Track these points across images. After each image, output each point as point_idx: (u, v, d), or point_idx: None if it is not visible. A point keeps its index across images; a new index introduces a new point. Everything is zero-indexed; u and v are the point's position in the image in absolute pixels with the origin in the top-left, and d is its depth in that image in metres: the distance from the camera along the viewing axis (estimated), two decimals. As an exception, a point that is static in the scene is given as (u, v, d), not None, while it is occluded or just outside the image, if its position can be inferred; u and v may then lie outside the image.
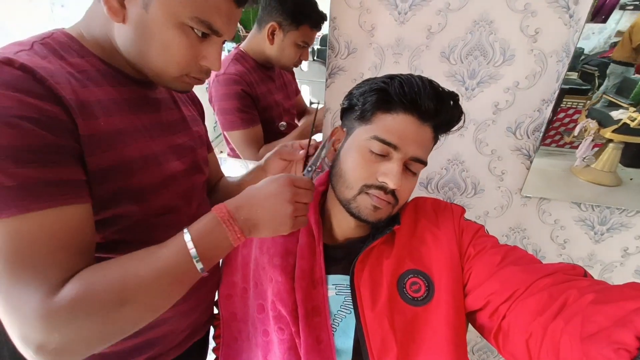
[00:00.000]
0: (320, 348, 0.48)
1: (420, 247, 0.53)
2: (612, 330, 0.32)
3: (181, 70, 0.44)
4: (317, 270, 0.52)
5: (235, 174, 0.96)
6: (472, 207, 0.90)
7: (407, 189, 0.50)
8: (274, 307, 0.51)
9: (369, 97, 0.49)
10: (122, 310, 0.35)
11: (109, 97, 0.42)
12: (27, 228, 0.32)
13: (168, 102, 0.53)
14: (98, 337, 0.35)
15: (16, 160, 0.32)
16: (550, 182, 0.82)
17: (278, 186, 0.43)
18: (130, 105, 0.45)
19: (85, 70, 0.41)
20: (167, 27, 0.39)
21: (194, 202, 0.55)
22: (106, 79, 0.43)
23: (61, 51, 0.40)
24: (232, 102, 0.83)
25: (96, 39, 0.43)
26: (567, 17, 0.70)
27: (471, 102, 0.80)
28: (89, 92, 0.40)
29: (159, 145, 0.48)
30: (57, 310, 0.32)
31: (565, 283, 0.41)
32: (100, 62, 0.43)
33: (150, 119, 0.48)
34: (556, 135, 0.78)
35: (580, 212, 0.85)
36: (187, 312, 0.55)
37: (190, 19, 0.39)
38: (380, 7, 0.77)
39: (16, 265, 0.32)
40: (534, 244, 0.91)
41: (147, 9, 0.39)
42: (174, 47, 0.41)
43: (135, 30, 0.40)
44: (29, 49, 0.37)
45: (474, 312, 0.49)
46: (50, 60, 0.38)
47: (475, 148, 0.84)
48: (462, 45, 0.76)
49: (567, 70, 0.72)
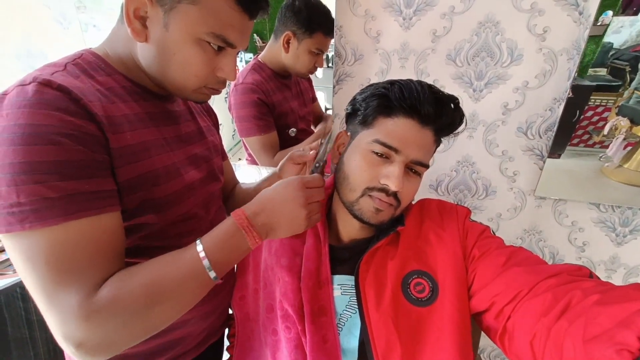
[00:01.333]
0: (326, 347, 0.50)
1: (424, 248, 0.54)
2: (615, 332, 0.32)
3: (200, 83, 0.46)
4: (323, 271, 0.54)
5: (253, 180, 1.00)
6: (484, 209, 0.89)
7: (409, 191, 0.51)
8: (282, 306, 0.53)
9: (371, 102, 0.51)
10: (153, 309, 0.38)
11: (134, 111, 0.45)
12: (69, 235, 0.36)
13: (185, 115, 0.56)
14: (132, 333, 0.38)
15: (59, 175, 0.35)
16: (578, 184, 0.79)
17: (292, 190, 0.45)
18: (152, 119, 0.48)
19: (112, 87, 0.44)
20: (186, 44, 0.42)
21: (212, 209, 0.58)
22: (131, 95, 0.46)
23: (90, 70, 0.43)
24: (249, 110, 0.87)
25: (120, 57, 0.46)
26: (576, 14, 0.69)
27: (479, 103, 0.80)
28: (116, 107, 0.43)
29: (178, 156, 0.51)
30: (96, 310, 0.35)
31: (569, 284, 0.40)
32: (125, 79, 0.46)
33: (171, 132, 0.51)
34: (584, 134, 0.75)
35: (600, 214, 0.82)
36: (205, 315, 0.58)
37: (206, 34, 0.42)
38: (385, 14, 0.78)
39: (59, 268, 0.35)
40: (551, 247, 0.88)
41: (168, 29, 0.41)
42: (193, 62, 0.44)
43: (157, 48, 0.43)
44: (63, 69, 0.41)
45: (479, 313, 0.49)
46: (82, 80, 0.41)
47: (485, 149, 0.83)
48: (468, 47, 0.76)
49: (595, 67, 0.70)
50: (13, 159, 0.33)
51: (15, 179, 0.33)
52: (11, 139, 0.33)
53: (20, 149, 0.33)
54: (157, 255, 0.42)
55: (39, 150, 0.34)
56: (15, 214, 0.34)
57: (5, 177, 0.33)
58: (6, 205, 0.34)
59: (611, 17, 0.66)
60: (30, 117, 0.34)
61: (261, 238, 0.44)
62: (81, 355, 0.36)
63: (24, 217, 0.34)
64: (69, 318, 0.35)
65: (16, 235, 0.34)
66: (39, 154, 0.34)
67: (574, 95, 0.73)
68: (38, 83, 0.36)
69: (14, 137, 0.33)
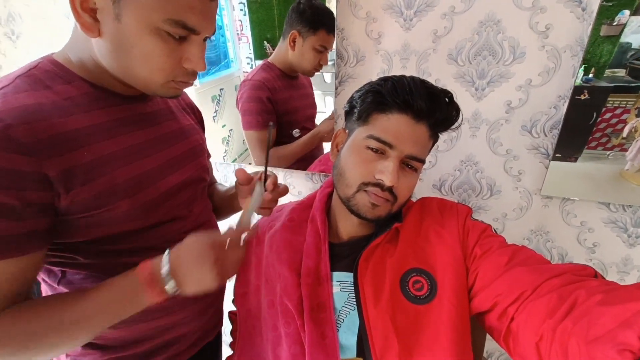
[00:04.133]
0: (325, 343, 0.50)
1: (424, 246, 0.54)
2: (617, 332, 0.31)
3: (167, 77, 0.43)
4: (323, 268, 0.55)
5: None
6: (489, 209, 0.88)
7: (405, 186, 0.51)
8: (282, 301, 0.54)
9: (366, 99, 0.52)
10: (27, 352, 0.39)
11: (98, 121, 0.42)
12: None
13: (165, 114, 0.53)
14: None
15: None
16: (597, 188, 0.76)
17: (199, 249, 0.42)
18: (122, 125, 0.45)
19: (72, 97, 0.41)
20: (143, 35, 0.38)
21: (196, 209, 0.58)
22: (96, 102, 0.43)
23: (47, 80, 0.40)
24: (254, 105, 0.92)
25: (82, 61, 0.43)
26: (579, 11, 0.68)
27: (482, 102, 0.80)
28: (74, 120, 0.40)
29: (157, 160, 0.49)
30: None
31: (574, 284, 0.40)
32: (88, 85, 0.43)
33: (147, 135, 0.48)
34: (602, 137, 0.73)
35: (610, 213, 0.80)
36: (197, 314, 0.59)
37: (163, 22, 0.38)
38: (385, 16, 0.79)
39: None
40: (559, 248, 0.86)
41: (120, 20, 0.38)
42: (154, 54, 0.40)
43: (112, 43, 0.39)
44: (9, 84, 0.38)
45: (482, 313, 0.49)
46: (30, 94, 0.38)
47: (489, 148, 0.83)
48: (469, 46, 0.76)
49: (613, 67, 0.68)
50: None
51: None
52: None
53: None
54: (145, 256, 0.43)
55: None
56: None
57: None
58: None
59: (628, 17, 0.64)
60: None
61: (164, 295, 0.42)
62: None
63: None
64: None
65: None
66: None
67: (590, 97, 0.71)
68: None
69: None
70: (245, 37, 0.93)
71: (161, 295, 0.42)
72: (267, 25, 0.90)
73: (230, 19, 0.92)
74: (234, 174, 0.57)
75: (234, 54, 0.95)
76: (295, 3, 0.84)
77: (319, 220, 0.58)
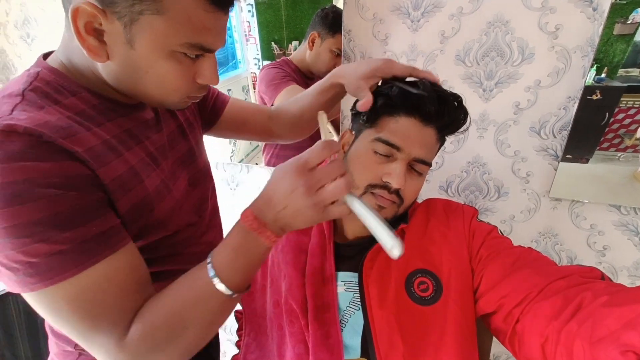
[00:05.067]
0: (329, 343, 0.50)
1: (429, 247, 0.54)
2: (621, 333, 0.31)
3: (182, 96, 0.42)
4: (328, 268, 0.55)
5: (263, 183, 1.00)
6: (497, 210, 0.87)
7: (412, 189, 0.52)
8: (287, 301, 0.54)
9: (375, 101, 0.52)
10: (185, 335, 0.38)
11: (112, 134, 0.41)
12: (90, 281, 0.35)
13: (164, 114, 0.52)
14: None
15: (59, 228, 0.32)
16: (609, 190, 0.75)
17: (289, 181, 0.37)
18: (132, 135, 0.44)
19: (82, 111, 0.39)
20: (159, 60, 0.37)
21: (206, 213, 0.57)
22: (103, 115, 0.41)
23: (54, 94, 0.38)
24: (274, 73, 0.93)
25: (79, 70, 0.40)
26: (590, 11, 0.67)
27: (490, 103, 0.79)
28: (93, 136, 0.38)
29: (163, 169, 0.47)
30: (130, 352, 0.36)
31: (580, 285, 0.40)
32: (92, 95, 0.40)
33: (154, 143, 0.47)
34: (614, 138, 0.72)
35: (621, 216, 0.78)
36: None
37: (180, 45, 0.36)
38: (392, 17, 0.79)
39: (86, 316, 0.35)
40: (568, 251, 0.85)
41: (133, 45, 0.35)
42: (170, 76, 0.38)
43: (124, 67, 0.37)
44: (21, 100, 0.35)
45: (488, 315, 0.49)
46: (48, 110, 0.36)
47: (496, 150, 0.82)
48: (477, 47, 0.76)
49: (626, 67, 0.66)
50: (4, 224, 0.30)
51: (15, 242, 0.31)
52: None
53: (7, 212, 0.30)
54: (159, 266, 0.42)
55: (27, 210, 0.31)
56: (32, 275, 0.33)
57: (4, 242, 0.31)
58: (20, 269, 0.32)
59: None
60: (6, 175, 0.30)
61: (277, 235, 0.39)
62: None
63: (41, 276, 0.33)
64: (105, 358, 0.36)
65: (39, 293, 0.34)
66: (28, 214, 0.31)
67: (602, 97, 0.70)
68: (2, 131, 0.31)
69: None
70: (253, 39, 0.94)
71: (272, 236, 0.38)
72: (275, 26, 0.91)
73: (238, 20, 0.93)
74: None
75: (242, 55, 0.97)
76: (321, 9, 0.88)
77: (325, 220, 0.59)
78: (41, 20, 1.14)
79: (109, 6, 0.33)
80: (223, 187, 1.15)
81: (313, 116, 0.63)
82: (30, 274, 0.32)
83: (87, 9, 0.32)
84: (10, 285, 0.34)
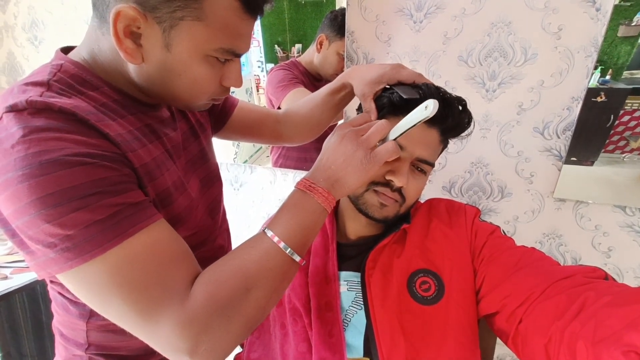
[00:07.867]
0: (332, 342, 0.51)
1: (431, 246, 0.54)
2: (623, 333, 0.31)
3: (208, 97, 0.44)
4: (330, 267, 0.55)
5: (266, 183, 1.03)
6: (500, 211, 0.87)
7: (414, 188, 0.52)
8: (290, 300, 0.55)
9: (379, 102, 0.52)
10: (250, 296, 0.36)
11: (135, 127, 0.41)
12: (135, 250, 0.33)
13: (177, 115, 0.53)
14: (235, 328, 0.36)
15: (98, 194, 0.31)
16: (615, 192, 0.75)
17: (335, 138, 0.43)
18: (153, 131, 0.44)
19: (105, 104, 0.39)
20: (193, 64, 0.38)
21: (218, 216, 0.57)
22: (125, 109, 0.41)
23: (78, 85, 0.38)
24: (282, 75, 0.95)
25: (103, 68, 0.40)
26: (593, 11, 0.67)
27: (493, 103, 0.79)
28: (119, 125, 0.38)
29: (179, 167, 0.48)
30: (195, 314, 0.33)
31: (584, 285, 0.40)
32: (113, 91, 0.41)
33: (171, 141, 0.47)
34: (620, 140, 0.71)
35: (626, 217, 0.78)
36: None
37: (215, 50, 0.38)
38: (395, 18, 0.80)
39: (141, 286, 0.33)
40: (573, 252, 0.85)
41: (170, 49, 0.36)
42: (202, 79, 0.40)
43: (158, 70, 0.38)
44: (47, 89, 0.35)
45: (491, 315, 0.48)
46: (76, 100, 0.36)
47: (500, 150, 0.82)
48: (480, 47, 0.76)
49: (631, 69, 0.66)
50: (39, 194, 0.29)
51: (50, 213, 0.30)
52: (27, 173, 0.29)
53: (42, 181, 0.29)
54: None
55: (66, 175, 0.30)
56: (70, 249, 0.31)
57: (39, 215, 0.30)
58: (57, 243, 0.30)
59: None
60: (41, 144, 0.30)
61: (330, 193, 0.41)
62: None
63: (80, 249, 0.31)
64: (171, 331, 0.33)
65: (79, 270, 0.31)
66: (67, 179, 0.30)
67: (607, 99, 0.70)
68: (36, 108, 0.31)
69: (31, 170, 0.29)
70: (257, 41, 0.95)
71: (324, 193, 0.41)
72: (278, 29, 0.92)
73: (242, 23, 0.94)
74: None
75: (245, 57, 0.98)
76: (330, 11, 0.89)
77: (327, 220, 0.59)
78: (49, 23, 1.16)
79: (151, 11, 0.34)
80: (226, 187, 1.15)
81: (322, 117, 0.66)
82: (68, 248, 0.30)
83: (129, 12, 0.33)
84: (45, 266, 0.32)
